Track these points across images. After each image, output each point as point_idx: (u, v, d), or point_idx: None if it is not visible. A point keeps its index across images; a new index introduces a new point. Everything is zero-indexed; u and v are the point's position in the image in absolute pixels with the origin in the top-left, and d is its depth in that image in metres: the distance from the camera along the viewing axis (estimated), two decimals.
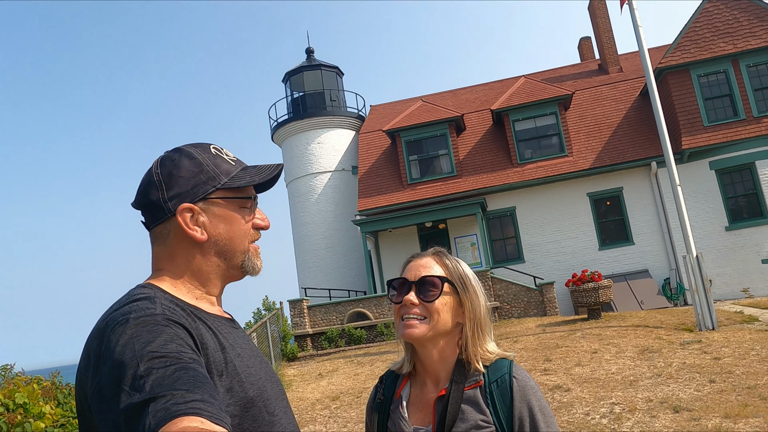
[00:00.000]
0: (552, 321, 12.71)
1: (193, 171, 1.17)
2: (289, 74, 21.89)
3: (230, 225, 1.18)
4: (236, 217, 1.19)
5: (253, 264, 1.22)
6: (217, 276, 1.19)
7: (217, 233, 1.17)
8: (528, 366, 8.81)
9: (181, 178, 1.16)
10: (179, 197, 1.15)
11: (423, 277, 1.36)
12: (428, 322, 1.34)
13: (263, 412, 1.09)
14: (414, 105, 19.09)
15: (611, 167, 16.08)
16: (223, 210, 1.18)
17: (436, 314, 1.34)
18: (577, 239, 16.36)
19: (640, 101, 17.20)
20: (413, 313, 1.35)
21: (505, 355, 1.38)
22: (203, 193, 1.15)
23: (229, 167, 1.20)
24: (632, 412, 6.16)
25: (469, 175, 17.34)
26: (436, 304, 1.34)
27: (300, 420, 8.02)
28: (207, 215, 1.16)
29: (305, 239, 20.36)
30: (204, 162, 1.18)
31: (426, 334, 1.34)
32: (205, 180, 1.17)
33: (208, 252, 1.17)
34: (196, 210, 1.15)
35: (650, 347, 8.79)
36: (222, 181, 1.17)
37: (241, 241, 1.20)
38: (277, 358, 12.82)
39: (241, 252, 1.20)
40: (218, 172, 1.18)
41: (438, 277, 1.36)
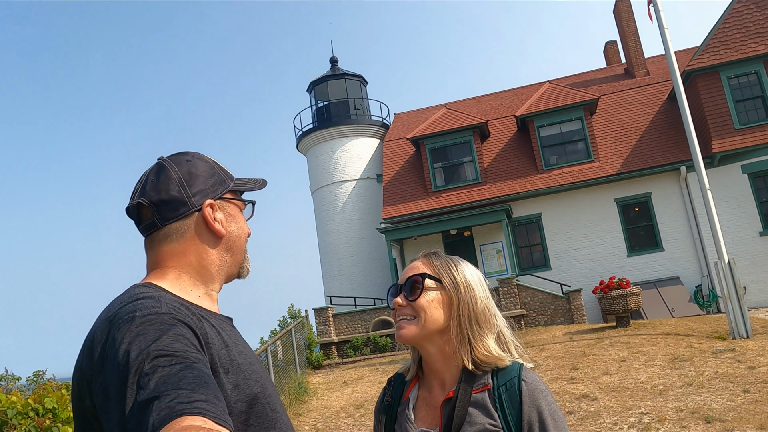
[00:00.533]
0: (579, 329, 12.51)
1: (209, 172, 1.23)
2: (314, 84, 22.09)
3: (238, 224, 1.26)
4: (241, 218, 1.27)
5: (246, 266, 1.29)
6: (223, 273, 1.24)
7: (230, 230, 1.24)
8: (555, 374, 8.67)
9: (201, 177, 1.21)
10: (202, 193, 1.20)
11: (408, 278, 1.38)
12: (417, 321, 1.34)
13: (267, 409, 1.10)
14: (438, 112, 19.08)
15: (639, 172, 15.80)
16: (233, 210, 1.25)
17: (423, 312, 1.34)
18: (604, 246, 16.10)
19: (668, 105, 16.90)
20: (403, 314, 1.36)
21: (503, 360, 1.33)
22: (220, 192, 1.22)
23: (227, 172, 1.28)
24: (662, 422, 6.01)
25: (494, 182, 17.22)
26: (421, 302, 1.34)
27: (324, 428, 8.02)
28: (222, 213, 1.23)
29: (330, 247, 20.43)
30: (213, 165, 1.26)
31: (417, 334, 1.33)
32: (220, 180, 1.24)
33: (221, 248, 1.23)
34: (216, 207, 1.22)
35: (681, 356, 8.58)
36: (229, 184, 1.25)
37: (245, 240, 1.27)
38: (302, 366, 12.86)
39: (243, 251, 1.27)
40: (226, 174, 1.26)
41: (419, 275, 1.37)
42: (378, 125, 21.47)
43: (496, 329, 1.38)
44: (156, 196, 1.17)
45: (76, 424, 1.03)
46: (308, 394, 10.27)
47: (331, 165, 20.73)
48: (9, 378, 7.08)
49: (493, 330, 1.37)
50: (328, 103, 21.52)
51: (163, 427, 0.79)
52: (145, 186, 1.18)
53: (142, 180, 1.20)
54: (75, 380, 1.01)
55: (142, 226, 1.20)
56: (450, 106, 20.37)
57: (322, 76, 22.04)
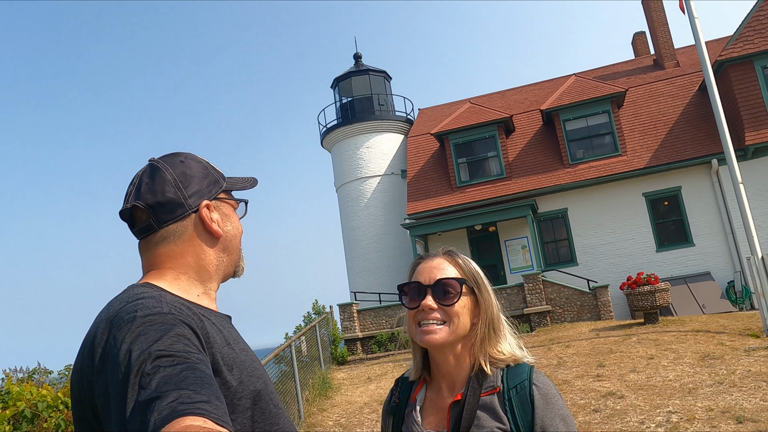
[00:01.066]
0: (606, 325, 12.31)
1: (203, 172, 1.22)
2: (338, 80, 22.12)
3: (233, 224, 1.26)
4: (235, 217, 1.27)
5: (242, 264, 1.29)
6: (220, 272, 1.24)
7: (227, 230, 1.24)
8: (580, 372, 8.56)
9: (196, 178, 1.20)
10: (198, 194, 1.19)
11: (439, 280, 1.32)
12: (449, 326, 1.30)
13: (270, 405, 1.11)
14: (462, 107, 18.94)
15: (668, 166, 15.46)
16: (227, 210, 1.25)
17: (456, 318, 1.30)
18: (633, 241, 15.81)
19: (699, 96, 16.49)
20: (432, 318, 1.30)
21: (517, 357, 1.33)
22: (215, 192, 1.22)
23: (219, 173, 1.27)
24: (691, 421, 5.88)
25: (519, 176, 17.04)
26: (456, 308, 1.30)
27: (348, 423, 8.05)
28: (218, 213, 1.23)
29: (355, 243, 20.48)
30: (207, 165, 1.25)
31: (447, 340, 1.29)
32: (214, 180, 1.23)
33: (218, 248, 1.22)
34: (212, 208, 1.22)
35: (711, 353, 8.37)
36: (223, 184, 1.24)
37: (239, 239, 1.27)
38: (327, 361, 12.93)
39: (238, 251, 1.27)
40: (219, 174, 1.26)
41: (456, 279, 1.32)
42: (402, 121, 21.42)
43: (506, 328, 1.37)
44: (152, 199, 1.15)
45: (76, 426, 1.03)
46: (332, 389, 10.32)
47: (355, 161, 20.75)
48: (41, 372, 7.27)
49: (504, 330, 1.36)
50: (352, 99, 21.54)
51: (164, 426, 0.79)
52: (139, 188, 1.17)
53: (135, 182, 1.18)
54: (75, 381, 1.02)
55: (136, 228, 1.18)
56: (474, 100, 20.21)
57: (346, 72, 22.06)
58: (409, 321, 1.35)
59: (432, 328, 1.29)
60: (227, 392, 1.02)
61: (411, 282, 1.36)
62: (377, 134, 20.87)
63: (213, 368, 1.01)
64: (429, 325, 1.29)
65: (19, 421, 4.91)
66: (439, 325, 1.29)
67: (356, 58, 22.87)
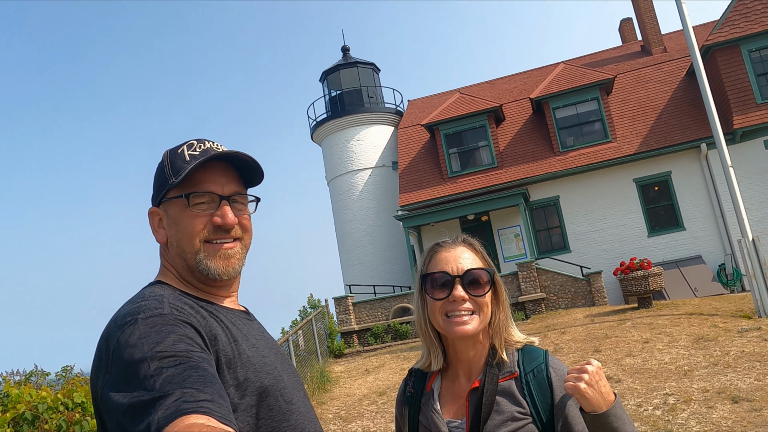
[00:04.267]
0: (601, 311, 12.42)
1: (158, 174, 1.20)
2: (326, 73, 22.03)
3: (178, 225, 1.15)
4: (181, 216, 1.15)
5: (206, 266, 1.15)
6: (189, 276, 1.17)
7: (171, 234, 1.17)
8: (576, 357, 8.63)
9: (155, 182, 1.20)
10: (152, 201, 1.21)
11: (470, 270, 1.32)
12: (479, 315, 1.31)
13: (279, 401, 1.10)
14: (452, 98, 18.93)
15: (658, 151, 15.56)
16: (173, 210, 1.16)
17: (486, 307, 1.33)
18: (624, 227, 15.92)
19: (687, 81, 16.58)
20: (463, 309, 1.30)
21: (529, 340, 1.37)
22: (159, 195, 1.18)
23: (181, 164, 1.16)
24: (687, 402, 5.96)
25: (511, 165, 17.08)
26: (486, 298, 1.33)
27: (347, 416, 8.09)
28: (166, 217, 1.18)
29: (348, 236, 20.48)
30: (165, 163, 1.18)
31: (478, 329, 1.31)
32: (162, 182, 1.18)
33: (173, 253, 1.18)
34: (161, 213, 1.18)
35: (705, 336, 8.48)
36: (171, 181, 1.15)
37: (189, 241, 1.15)
38: (324, 354, 12.96)
39: (191, 253, 1.15)
40: (171, 172, 1.16)
41: (485, 270, 1.34)
42: (392, 113, 21.39)
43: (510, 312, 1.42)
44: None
45: (97, 423, 1.04)
46: (331, 382, 10.35)
47: (346, 154, 20.72)
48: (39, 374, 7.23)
49: (510, 313, 1.40)
50: (341, 92, 21.47)
51: (168, 425, 0.80)
52: None
53: None
54: (91, 379, 1.03)
55: None
56: (464, 90, 20.20)
57: (335, 65, 21.97)
58: (434, 312, 1.33)
59: (464, 319, 1.29)
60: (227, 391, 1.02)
61: (437, 272, 1.33)
62: (367, 126, 20.83)
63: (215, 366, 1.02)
64: (460, 315, 1.29)
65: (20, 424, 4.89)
66: (470, 315, 1.30)
67: (344, 50, 22.78)
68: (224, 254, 1.16)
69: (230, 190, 1.18)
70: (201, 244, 1.14)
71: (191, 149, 1.17)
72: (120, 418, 0.88)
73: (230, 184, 1.18)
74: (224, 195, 1.16)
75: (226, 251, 1.16)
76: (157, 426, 0.81)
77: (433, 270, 1.34)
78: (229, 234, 1.17)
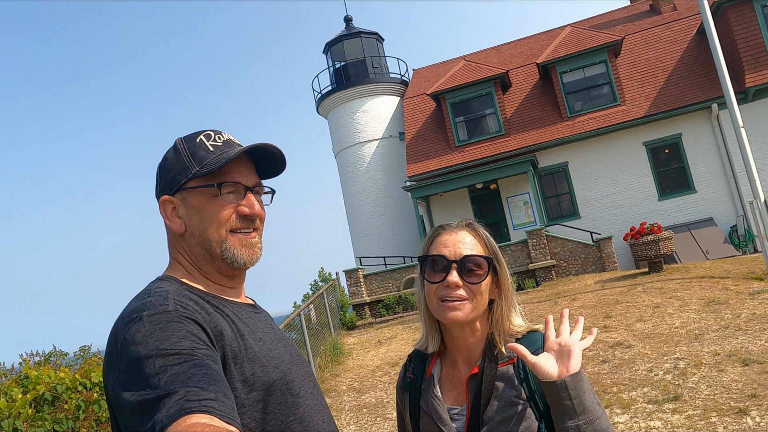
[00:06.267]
0: (611, 276, 12.42)
1: (173, 162, 1.19)
2: (329, 44, 21.76)
3: (202, 215, 1.16)
4: (208, 206, 1.16)
5: (233, 254, 1.17)
6: (207, 266, 1.18)
7: (192, 224, 1.17)
8: (587, 323, 8.67)
9: (166, 170, 1.19)
10: (163, 189, 1.19)
11: (467, 257, 1.29)
12: (471, 302, 1.28)
13: (287, 395, 1.10)
14: (457, 65, 18.67)
15: (668, 113, 15.32)
16: (196, 199, 1.17)
17: (480, 296, 1.29)
18: (634, 191, 15.79)
19: (698, 40, 16.21)
20: (456, 295, 1.27)
21: (532, 328, 1.33)
22: (178, 183, 1.17)
23: (204, 154, 1.17)
24: (698, 366, 5.98)
25: (518, 132, 16.92)
26: (482, 286, 1.29)
27: (361, 387, 8.21)
28: (185, 206, 1.17)
29: (357, 209, 20.50)
30: (182, 152, 1.19)
31: (469, 317, 1.28)
32: (180, 170, 1.17)
33: (191, 243, 1.18)
34: (176, 202, 1.18)
35: (716, 299, 8.46)
36: (194, 170, 1.16)
37: (215, 230, 1.16)
38: (337, 327, 13.10)
39: (216, 242, 1.16)
40: (192, 161, 1.17)
41: (483, 257, 1.30)
42: (397, 83, 21.16)
43: (516, 301, 1.36)
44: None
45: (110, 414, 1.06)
46: (344, 354, 10.49)
47: (352, 126, 20.59)
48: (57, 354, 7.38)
49: (516, 303, 1.35)
50: (345, 63, 21.23)
51: (172, 424, 0.81)
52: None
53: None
54: (103, 375, 1.05)
55: None
56: (469, 57, 19.91)
57: (338, 36, 21.68)
58: (430, 295, 1.32)
59: (455, 305, 1.27)
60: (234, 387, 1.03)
61: (435, 255, 1.31)
62: (373, 97, 20.65)
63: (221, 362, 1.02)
64: (452, 301, 1.27)
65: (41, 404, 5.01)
66: (462, 302, 1.27)
67: (347, 21, 22.45)
68: (249, 243, 1.19)
69: (253, 181, 1.21)
70: (227, 233, 1.16)
71: (211, 140, 1.19)
72: (129, 416, 0.89)
73: (252, 175, 1.22)
74: (249, 186, 1.20)
75: (250, 240, 1.19)
76: (161, 425, 0.81)
77: (432, 252, 1.33)
78: (254, 224, 1.20)
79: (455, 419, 1.28)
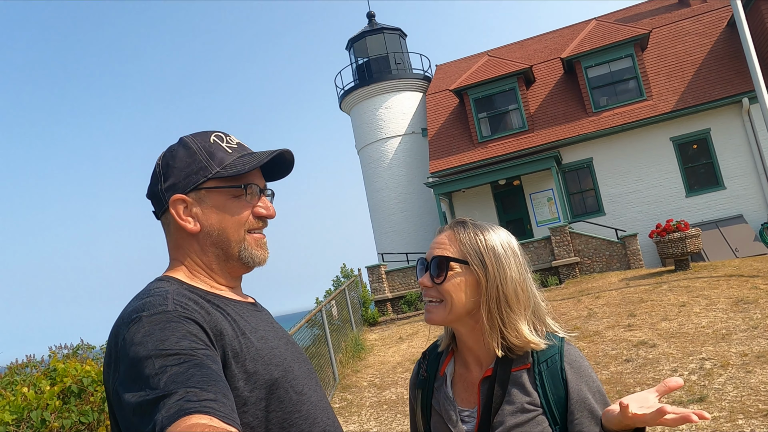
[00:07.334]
0: (636, 274, 12.23)
1: (187, 161, 1.17)
2: (352, 41, 21.78)
3: (222, 215, 1.16)
4: (229, 206, 1.17)
5: (251, 254, 1.18)
6: (219, 266, 1.19)
7: (210, 224, 1.16)
8: (611, 322, 8.55)
9: (176, 169, 1.17)
10: (173, 188, 1.16)
11: (434, 257, 1.28)
12: (444, 305, 1.27)
13: (290, 393, 1.10)
14: (480, 61, 18.53)
15: (696, 108, 14.99)
16: (216, 200, 1.16)
17: (449, 296, 1.26)
18: (661, 187, 15.51)
19: (728, 33, 15.82)
20: (429, 296, 1.29)
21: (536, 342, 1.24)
22: (194, 183, 1.15)
23: (224, 156, 1.17)
24: (725, 367, 5.86)
25: (542, 128, 16.73)
26: (446, 286, 1.25)
27: (381, 383, 8.23)
28: (200, 206, 1.16)
29: (380, 205, 20.52)
30: (198, 151, 1.17)
31: (445, 318, 1.27)
32: (197, 170, 1.16)
33: (204, 243, 1.17)
34: (189, 201, 1.16)
35: (745, 298, 8.27)
36: (214, 171, 1.15)
37: (235, 231, 1.17)
38: (358, 323, 13.14)
39: (235, 242, 1.17)
40: (211, 161, 1.16)
41: (445, 257, 1.27)
42: (420, 78, 21.09)
43: (530, 308, 1.27)
44: (148, 190, 1.21)
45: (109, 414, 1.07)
46: (365, 350, 10.52)
47: (375, 122, 20.60)
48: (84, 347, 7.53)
49: (526, 310, 1.26)
50: (368, 59, 21.22)
51: (171, 425, 0.81)
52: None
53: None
54: (104, 375, 1.06)
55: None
56: (492, 53, 19.74)
57: (360, 32, 21.68)
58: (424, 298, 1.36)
59: (430, 308, 1.29)
60: (236, 385, 1.03)
61: (420, 258, 1.35)
62: (395, 94, 20.62)
63: (222, 362, 1.02)
64: (428, 303, 1.30)
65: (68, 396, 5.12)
66: (435, 305, 1.28)
67: (369, 17, 22.43)
68: (262, 243, 1.22)
69: (263, 184, 1.24)
70: (245, 233, 1.18)
71: (224, 142, 1.20)
72: (130, 417, 0.89)
73: (261, 177, 1.24)
74: (262, 188, 1.23)
75: (262, 241, 1.22)
76: (161, 426, 0.81)
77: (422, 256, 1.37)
78: (266, 225, 1.23)
79: (465, 421, 1.27)
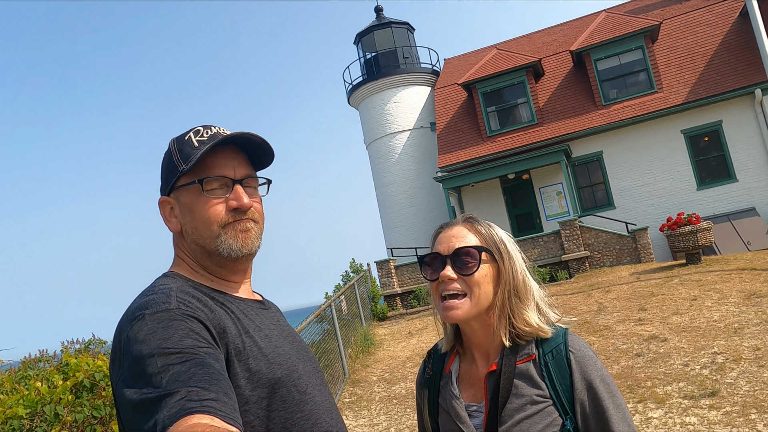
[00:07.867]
0: (647, 268, 12.15)
1: (166, 162, 1.19)
2: (360, 35, 21.72)
3: (193, 212, 1.15)
4: (197, 203, 1.15)
5: (230, 246, 1.15)
6: (209, 262, 1.18)
7: (185, 222, 1.17)
8: (621, 316, 8.51)
9: (162, 171, 1.20)
10: (162, 190, 1.20)
11: (458, 249, 1.26)
12: (470, 297, 1.24)
13: (293, 392, 1.10)
14: (488, 54, 18.43)
15: (708, 100, 14.84)
16: (186, 197, 1.16)
17: (477, 288, 1.24)
18: (672, 180, 15.38)
19: (740, 23, 15.62)
20: (452, 289, 1.25)
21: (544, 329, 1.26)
22: (169, 184, 1.17)
23: (189, 152, 1.15)
24: (737, 361, 5.81)
25: (551, 121, 16.63)
26: (476, 277, 1.24)
27: (391, 378, 8.24)
28: (179, 205, 1.18)
29: (389, 199, 20.50)
30: (173, 151, 1.17)
31: (470, 313, 1.24)
32: (172, 170, 1.17)
33: (188, 241, 1.18)
34: (172, 202, 1.18)
35: (757, 292, 8.20)
36: (181, 168, 1.15)
37: (206, 228, 1.15)
38: (368, 318, 13.16)
39: (209, 239, 1.15)
40: (180, 159, 1.16)
41: (474, 247, 1.26)
42: (428, 73, 21.02)
43: (535, 298, 1.30)
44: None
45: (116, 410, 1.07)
46: (374, 345, 10.53)
47: (383, 117, 20.56)
48: (96, 342, 7.59)
49: (532, 299, 1.29)
50: (376, 54, 21.18)
51: (172, 425, 0.80)
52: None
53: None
54: (109, 371, 1.06)
55: None
56: (501, 46, 19.64)
57: (368, 26, 21.63)
58: (432, 294, 1.31)
59: (453, 304, 1.24)
60: (238, 384, 1.03)
61: (431, 253, 1.30)
62: (404, 88, 20.57)
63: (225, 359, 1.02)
64: (450, 300, 1.25)
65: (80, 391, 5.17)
66: (460, 299, 1.24)
67: (377, 11, 22.36)
68: (242, 227, 1.16)
69: (242, 174, 1.18)
70: (220, 228, 1.14)
71: (198, 135, 1.17)
72: (131, 414, 0.89)
73: (241, 167, 1.18)
74: (236, 179, 1.17)
75: (244, 224, 1.16)
76: (162, 425, 0.81)
77: (430, 251, 1.31)
78: (246, 215, 1.17)
79: (473, 416, 1.27)
